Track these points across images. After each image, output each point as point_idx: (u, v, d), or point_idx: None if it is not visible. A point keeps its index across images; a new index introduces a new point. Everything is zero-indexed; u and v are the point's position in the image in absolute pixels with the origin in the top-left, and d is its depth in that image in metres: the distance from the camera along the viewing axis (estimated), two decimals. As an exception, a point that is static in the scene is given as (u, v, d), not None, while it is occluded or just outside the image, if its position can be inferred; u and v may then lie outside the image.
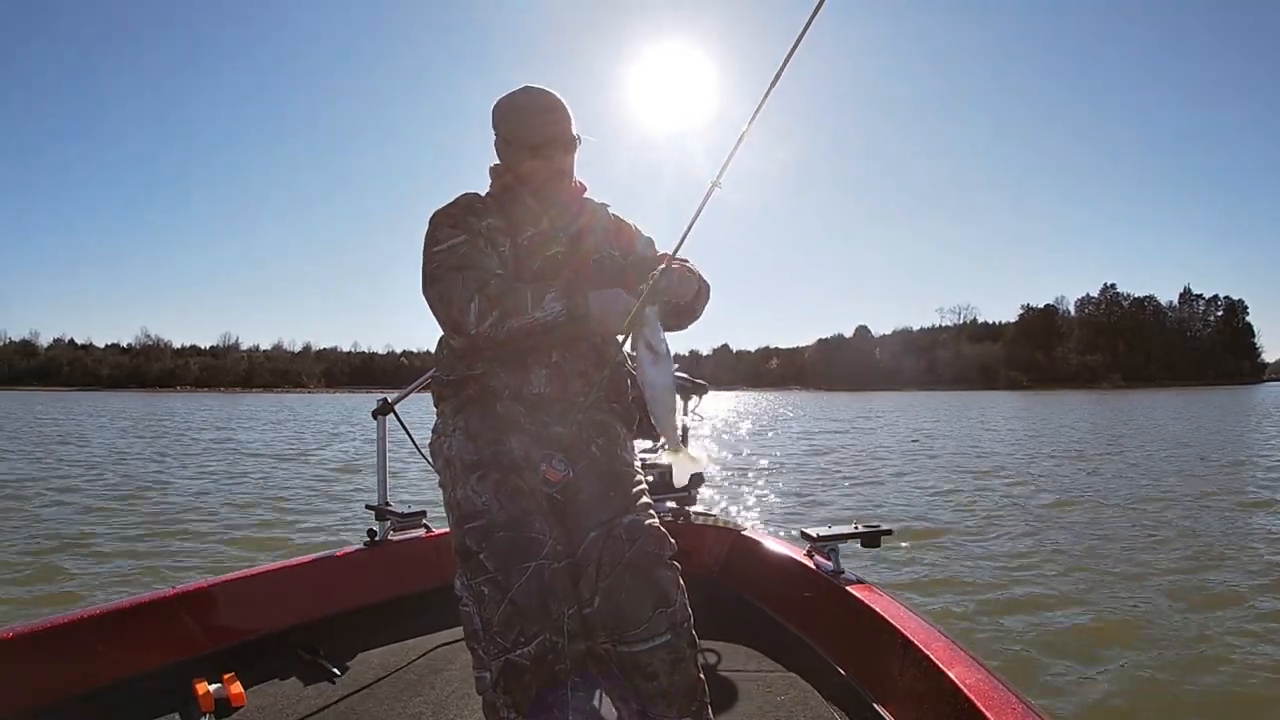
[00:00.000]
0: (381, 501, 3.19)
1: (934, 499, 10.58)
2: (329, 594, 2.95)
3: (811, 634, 2.58)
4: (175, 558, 7.12)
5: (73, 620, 2.32)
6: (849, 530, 2.78)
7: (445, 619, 3.02)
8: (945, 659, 1.99)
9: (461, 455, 1.86)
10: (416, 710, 2.33)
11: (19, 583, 6.20)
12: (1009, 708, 1.74)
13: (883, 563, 6.64)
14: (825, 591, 2.64)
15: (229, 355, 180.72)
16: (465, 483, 1.80)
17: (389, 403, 3.17)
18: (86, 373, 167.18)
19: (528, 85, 2.09)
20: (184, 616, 2.58)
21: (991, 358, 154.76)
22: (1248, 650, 4.63)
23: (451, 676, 2.56)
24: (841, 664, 2.48)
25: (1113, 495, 10.59)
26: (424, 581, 3.16)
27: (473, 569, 1.68)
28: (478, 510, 1.73)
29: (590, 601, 1.72)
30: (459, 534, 1.75)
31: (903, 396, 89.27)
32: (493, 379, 1.96)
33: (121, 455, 17.39)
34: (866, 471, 14.01)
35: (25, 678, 2.19)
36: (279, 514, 9.54)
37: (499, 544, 1.67)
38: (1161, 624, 5.12)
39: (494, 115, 2.11)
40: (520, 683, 1.63)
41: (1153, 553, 7.19)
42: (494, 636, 1.62)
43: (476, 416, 1.93)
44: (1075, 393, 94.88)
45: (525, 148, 2.05)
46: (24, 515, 9.25)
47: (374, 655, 2.71)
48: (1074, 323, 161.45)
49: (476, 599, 1.65)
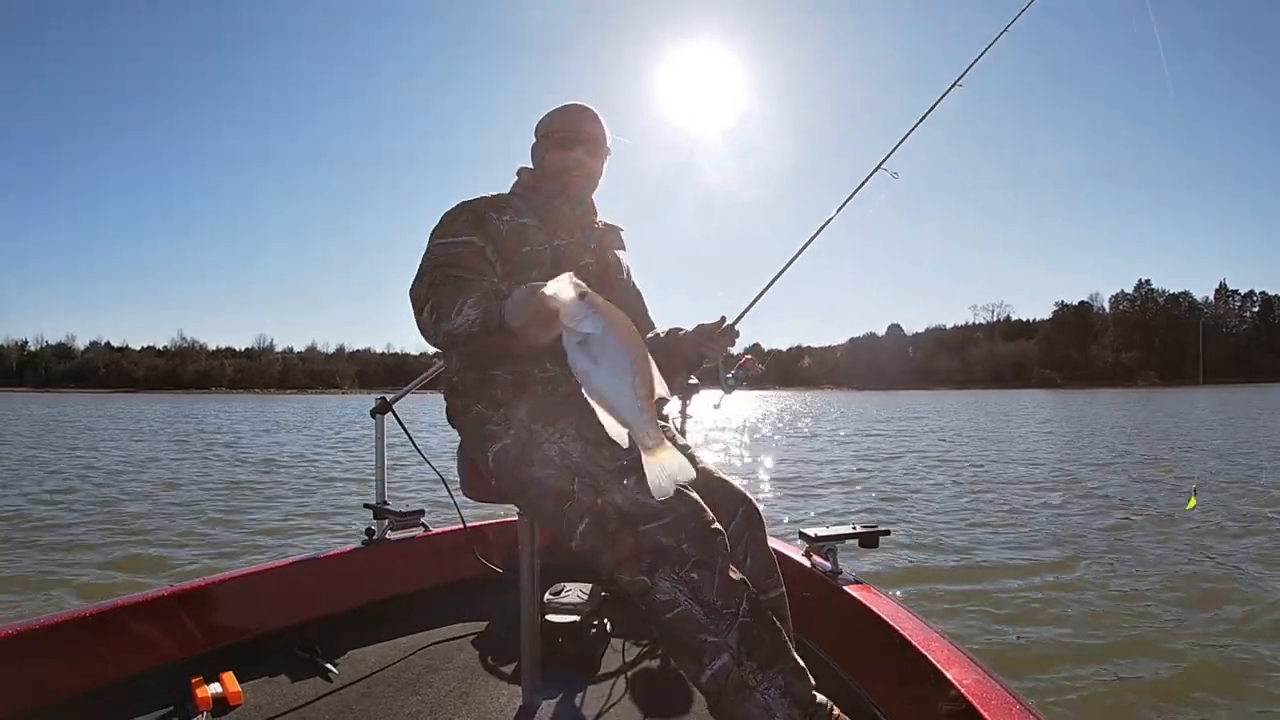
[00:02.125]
0: (380, 500, 3.20)
1: (935, 499, 10.49)
2: (327, 593, 2.95)
3: (810, 635, 2.54)
4: (174, 557, 7.15)
5: (70, 619, 2.32)
6: (847, 531, 2.75)
7: (443, 618, 3.04)
8: (944, 660, 1.98)
9: (597, 461, 1.81)
10: (414, 709, 2.33)
11: (17, 583, 6.23)
12: (1007, 709, 1.73)
13: (883, 563, 6.62)
14: (823, 592, 2.62)
15: (264, 357, 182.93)
16: (621, 488, 1.75)
17: (387, 401, 3.16)
18: (123, 375, 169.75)
19: (574, 103, 2.27)
20: (181, 615, 2.58)
21: (1025, 356, 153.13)
22: (1252, 652, 4.57)
23: (449, 675, 2.56)
24: (840, 665, 2.48)
25: (1125, 496, 10.43)
26: (422, 580, 3.17)
27: (677, 560, 1.67)
28: (658, 510, 1.69)
29: (744, 562, 1.93)
30: (641, 536, 1.70)
31: (935, 395, 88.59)
32: (561, 385, 1.98)
33: (126, 455, 17.52)
34: (875, 472, 13.89)
35: (22, 676, 2.19)
36: (279, 514, 9.57)
37: (695, 533, 1.69)
38: (1163, 625, 5.06)
39: (542, 119, 2.25)
40: (758, 639, 1.66)
41: (1157, 553, 7.14)
42: (720, 610, 1.65)
43: (588, 422, 1.72)
44: (1110, 391, 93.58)
45: (570, 141, 2.18)
46: (21, 516, 9.27)
47: (372, 654, 2.71)
48: (1108, 320, 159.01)
49: (692, 588, 1.66)
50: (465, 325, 1.78)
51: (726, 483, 2.04)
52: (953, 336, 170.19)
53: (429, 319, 1.86)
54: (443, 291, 1.86)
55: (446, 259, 1.94)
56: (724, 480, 2.05)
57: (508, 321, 1.68)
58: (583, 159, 2.19)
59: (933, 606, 5.46)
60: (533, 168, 2.27)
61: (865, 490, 11.38)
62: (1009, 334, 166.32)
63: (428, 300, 1.87)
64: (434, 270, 1.92)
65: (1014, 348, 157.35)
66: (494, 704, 2.38)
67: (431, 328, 1.86)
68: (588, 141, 2.20)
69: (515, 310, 1.65)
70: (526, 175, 2.27)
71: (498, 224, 2.05)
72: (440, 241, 1.99)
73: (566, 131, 2.19)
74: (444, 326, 1.82)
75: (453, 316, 1.80)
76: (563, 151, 2.18)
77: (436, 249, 1.98)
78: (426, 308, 1.86)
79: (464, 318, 1.78)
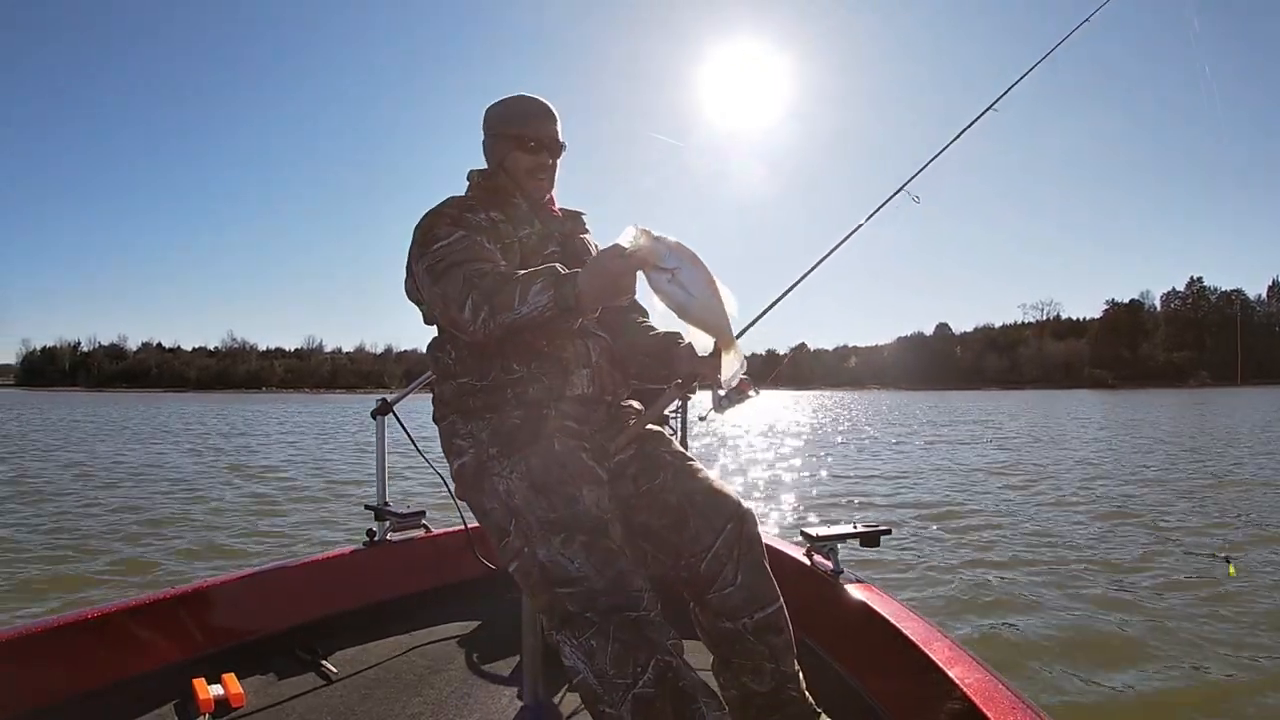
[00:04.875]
0: (380, 501, 3.20)
1: (935, 500, 10.43)
2: (328, 594, 2.97)
3: (811, 634, 2.53)
4: (175, 558, 7.22)
5: (72, 620, 2.35)
6: (849, 530, 2.73)
7: (444, 618, 3.04)
8: (946, 659, 1.98)
9: (533, 510, 1.77)
10: (415, 710, 2.34)
11: (14, 583, 6.32)
12: (1009, 708, 1.72)
13: (883, 563, 6.63)
14: (825, 591, 2.60)
15: (313, 357, 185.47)
16: (546, 544, 1.72)
17: (388, 402, 3.17)
18: (174, 375, 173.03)
19: (522, 94, 2.17)
20: (183, 616, 2.61)
21: (1075, 355, 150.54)
22: (1255, 653, 4.54)
23: (451, 676, 2.57)
24: (841, 664, 2.47)
25: (1137, 499, 10.31)
26: (423, 581, 3.19)
27: (578, 628, 1.64)
28: (572, 577, 1.67)
29: (734, 580, 1.86)
30: (553, 598, 1.68)
31: (983, 396, 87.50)
32: (532, 384, 1.93)
33: (135, 456, 17.72)
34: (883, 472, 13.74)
35: (25, 678, 2.22)
36: (279, 514, 9.70)
37: (603, 606, 1.64)
38: (1165, 625, 5.03)
39: (490, 114, 2.17)
40: (658, 713, 1.59)
41: (1161, 553, 7.11)
42: (612, 680, 1.59)
43: (537, 461, 1.83)
44: (1163, 391, 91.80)
45: (536, 145, 2.11)
46: (17, 516, 9.39)
47: (373, 655, 2.72)
48: (1159, 318, 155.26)
49: (588, 654, 1.61)
50: (534, 311, 1.74)
51: (718, 495, 1.95)
52: (1001, 335, 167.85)
53: (471, 316, 1.79)
54: (486, 284, 1.79)
55: (461, 257, 1.87)
56: (716, 492, 1.95)
57: (585, 292, 1.70)
58: (546, 161, 2.14)
59: (933, 606, 5.46)
60: (487, 169, 2.18)
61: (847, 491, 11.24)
62: (1059, 333, 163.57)
63: (466, 296, 1.79)
64: (453, 269, 1.85)
65: (1064, 347, 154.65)
66: (495, 704, 2.38)
67: (483, 325, 1.79)
68: (551, 142, 2.13)
69: (596, 276, 1.70)
70: (479, 178, 2.18)
71: (474, 220, 2.00)
72: (440, 245, 1.91)
73: (531, 134, 2.11)
74: (504, 318, 1.76)
75: (516, 305, 1.74)
76: (528, 155, 2.12)
77: (440, 251, 1.90)
78: (467, 304, 1.79)
79: (531, 305, 1.74)
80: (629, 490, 1.96)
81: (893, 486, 11.91)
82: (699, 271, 1.69)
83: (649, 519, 1.93)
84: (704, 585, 1.87)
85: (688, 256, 1.68)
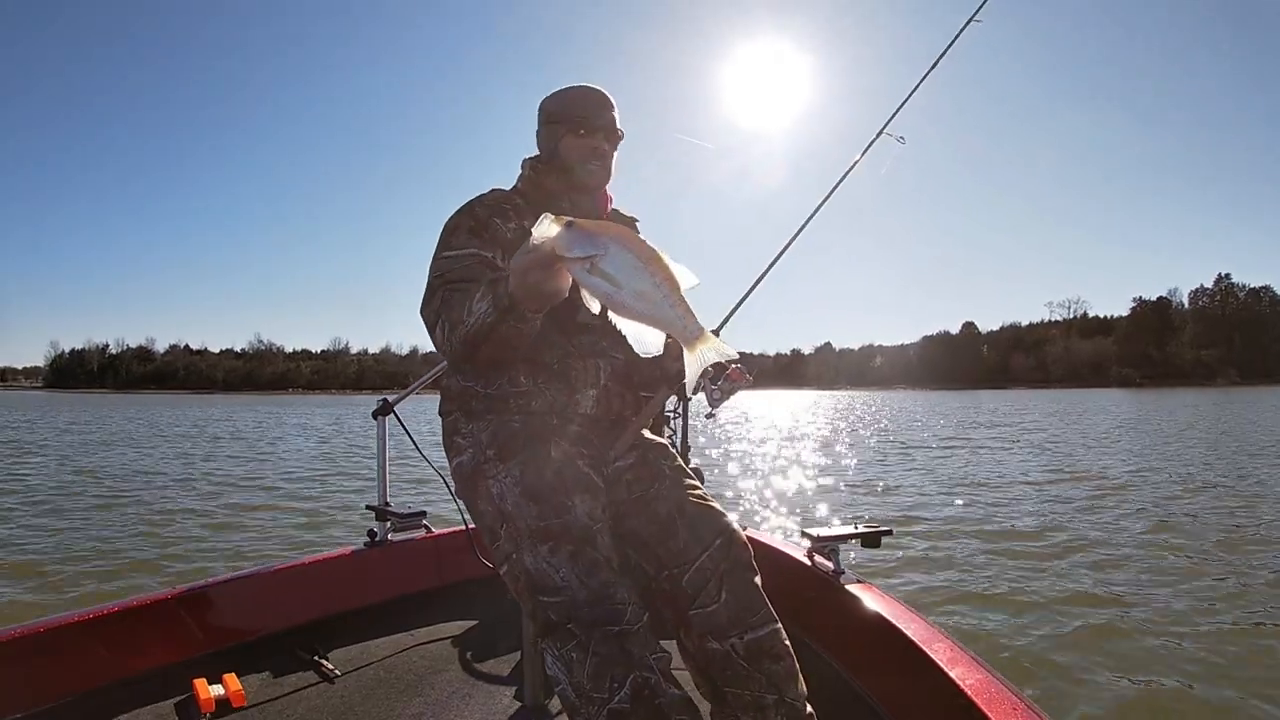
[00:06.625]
0: (381, 502, 3.20)
1: (937, 500, 10.36)
2: (329, 594, 2.96)
3: (812, 634, 2.52)
4: (175, 558, 7.23)
5: (73, 621, 2.35)
6: (849, 531, 2.70)
7: (445, 618, 3.04)
8: (947, 660, 1.97)
9: (523, 517, 1.75)
10: (416, 710, 2.33)
11: (13, 585, 6.33)
12: (1010, 708, 1.72)
13: (883, 563, 6.60)
14: (826, 592, 2.58)
15: (339, 359, 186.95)
16: (534, 551, 1.70)
17: (389, 403, 3.16)
18: (202, 376, 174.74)
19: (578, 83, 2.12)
20: (184, 617, 2.60)
21: (1103, 354, 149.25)
22: (1256, 653, 4.51)
23: (451, 677, 2.56)
24: (842, 664, 2.46)
25: (1140, 498, 10.22)
26: (424, 581, 3.18)
27: (561, 639, 1.62)
28: (556, 586, 1.65)
29: (718, 597, 1.78)
30: (536, 605, 1.67)
31: (1010, 395, 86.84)
32: (535, 399, 1.91)
33: (138, 456, 17.78)
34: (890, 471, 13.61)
35: (25, 678, 2.23)
36: (279, 514, 9.69)
37: (585, 619, 1.62)
38: (1167, 625, 4.98)
39: (545, 102, 2.11)
40: None
41: (1162, 554, 7.04)
42: (589, 694, 1.57)
43: (532, 468, 1.81)
44: (1192, 391, 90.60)
45: (589, 127, 2.04)
46: (16, 517, 9.40)
47: (374, 655, 2.72)
48: (1187, 316, 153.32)
49: (567, 666, 1.60)
50: (479, 321, 1.66)
51: (709, 511, 1.90)
52: (1028, 334, 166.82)
53: (442, 336, 1.77)
54: (451, 303, 1.76)
55: (453, 274, 1.84)
56: (706, 508, 1.90)
57: (515, 292, 1.56)
58: (601, 146, 2.05)
59: (934, 607, 5.43)
60: (540, 155, 2.12)
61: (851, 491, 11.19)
62: (1086, 331, 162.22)
63: (439, 318, 1.78)
64: (442, 288, 1.82)
65: (1091, 345, 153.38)
66: (495, 704, 2.37)
67: (446, 343, 1.76)
68: (606, 128, 2.05)
69: (518, 275, 1.53)
70: (531, 170, 2.11)
71: (503, 229, 1.94)
72: (445, 256, 1.89)
73: (583, 116, 2.04)
74: (459, 333, 1.71)
75: (465, 318, 1.69)
76: (580, 138, 2.04)
77: (441, 263, 1.88)
78: (439, 326, 1.78)
79: (475, 315, 1.66)
80: (623, 495, 1.93)
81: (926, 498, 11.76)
82: (624, 255, 1.37)
83: (638, 525, 1.89)
84: (686, 601, 1.79)
85: (612, 240, 1.38)
